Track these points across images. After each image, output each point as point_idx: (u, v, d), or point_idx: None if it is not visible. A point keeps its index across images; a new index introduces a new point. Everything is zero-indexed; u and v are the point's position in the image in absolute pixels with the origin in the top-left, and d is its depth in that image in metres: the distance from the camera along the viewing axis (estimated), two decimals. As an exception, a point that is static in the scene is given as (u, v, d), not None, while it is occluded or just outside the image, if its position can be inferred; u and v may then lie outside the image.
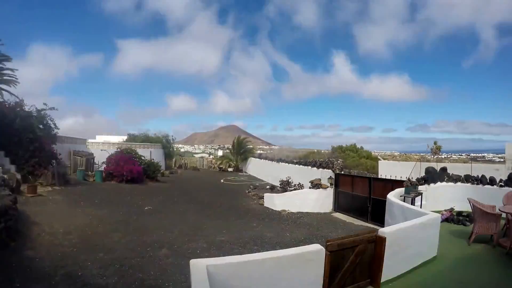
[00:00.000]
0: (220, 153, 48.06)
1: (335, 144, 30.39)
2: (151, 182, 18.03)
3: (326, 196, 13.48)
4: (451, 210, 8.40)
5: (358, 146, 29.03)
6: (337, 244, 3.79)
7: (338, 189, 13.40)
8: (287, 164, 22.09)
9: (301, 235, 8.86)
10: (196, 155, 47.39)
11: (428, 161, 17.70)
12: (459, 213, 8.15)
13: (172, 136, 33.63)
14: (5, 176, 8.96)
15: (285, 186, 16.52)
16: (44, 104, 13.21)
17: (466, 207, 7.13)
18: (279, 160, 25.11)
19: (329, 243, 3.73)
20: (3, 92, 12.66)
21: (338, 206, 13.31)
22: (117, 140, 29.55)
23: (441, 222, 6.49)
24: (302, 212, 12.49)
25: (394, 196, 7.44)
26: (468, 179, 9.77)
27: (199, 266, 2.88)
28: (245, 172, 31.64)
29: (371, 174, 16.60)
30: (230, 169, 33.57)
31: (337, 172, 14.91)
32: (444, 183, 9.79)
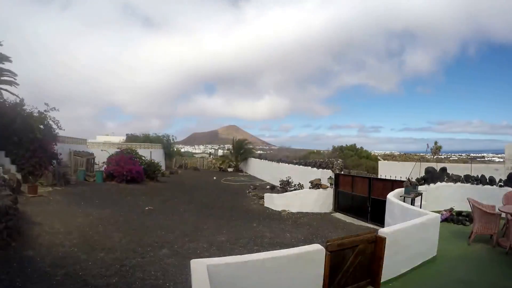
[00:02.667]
0: (220, 153, 48.09)
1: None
2: (152, 182, 18.04)
3: (326, 196, 13.49)
4: (451, 210, 8.41)
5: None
6: (337, 244, 3.80)
7: (338, 189, 13.41)
8: (287, 164, 22.08)
9: (301, 235, 8.87)
10: (196, 155, 47.34)
11: (428, 161, 17.76)
12: (459, 213, 8.16)
13: (172, 136, 33.69)
14: (6, 176, 8.98)
15: (285, 186, 16.51)
16: (45, 104, 13.20)
17: (466, 207, 7.14)
18: (279, 160, 25.10)
19: (329, 243, 3.74)
20: (3, 92, 12.66)
21: (338, 206, 13.32)
22: (117, 140, 29.58)
23: (441, 222, 6.50)
24: (302, 212, 12.51)
25: (394, 196, 7.44)
26: (467, 179, 9.78)
27: (199, 266, 2.89)
28: (245, 172, 31.65)
29: (371, 174, 16.63)
30: (230, 169, 33.58)
31: (337, 172, 14.92)
32: (444, 183, 9.80)
